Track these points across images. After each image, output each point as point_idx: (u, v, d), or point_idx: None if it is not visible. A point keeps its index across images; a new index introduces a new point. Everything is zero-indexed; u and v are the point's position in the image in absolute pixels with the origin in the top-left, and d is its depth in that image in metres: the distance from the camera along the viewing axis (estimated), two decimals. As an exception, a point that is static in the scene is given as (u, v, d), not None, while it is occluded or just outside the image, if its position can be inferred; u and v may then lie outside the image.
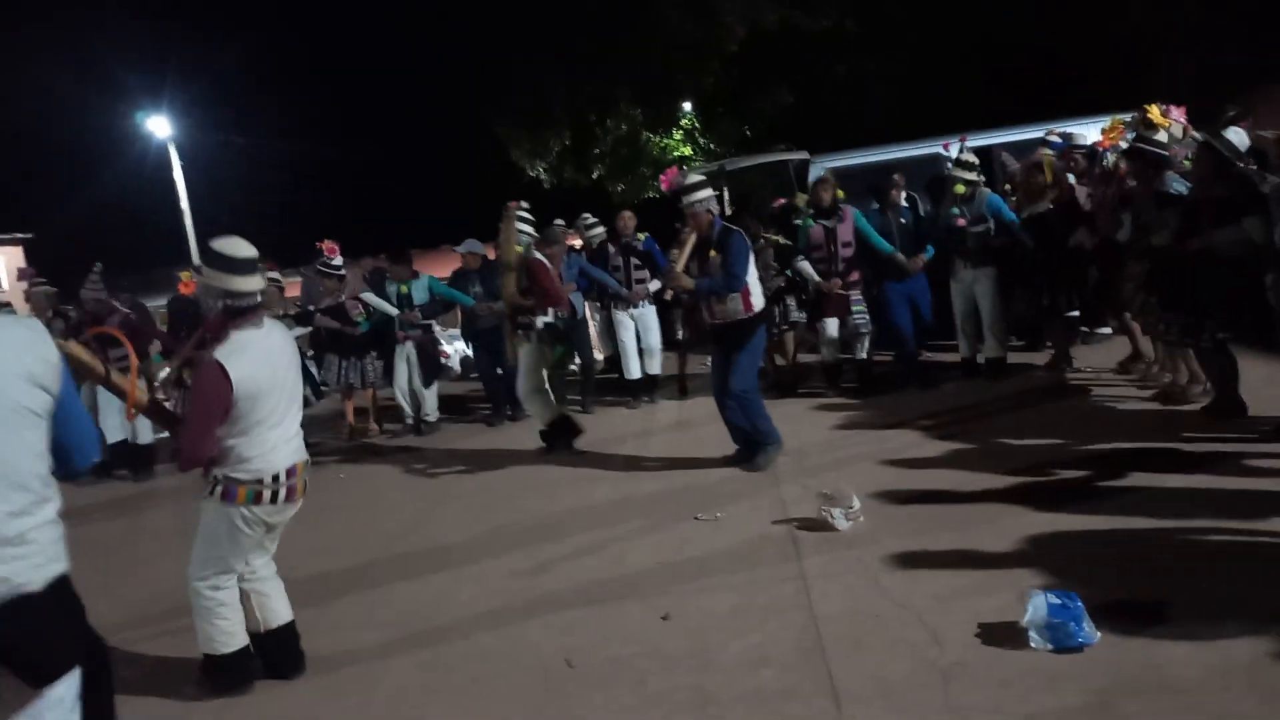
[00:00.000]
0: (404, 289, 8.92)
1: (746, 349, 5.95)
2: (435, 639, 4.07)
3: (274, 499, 3.55)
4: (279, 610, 3.82)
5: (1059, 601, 3.26)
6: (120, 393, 3.44)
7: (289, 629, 3.84)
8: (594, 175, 21.81)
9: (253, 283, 3.50)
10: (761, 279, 7.00)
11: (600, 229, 9.52)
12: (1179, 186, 6.02)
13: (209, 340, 3.52)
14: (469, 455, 7.68)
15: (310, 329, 8.94)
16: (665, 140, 21.12)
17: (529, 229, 7.02)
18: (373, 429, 9.30)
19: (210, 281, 3.48)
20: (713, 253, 5.86)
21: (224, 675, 3.68)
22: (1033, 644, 3.19)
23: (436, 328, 9.79)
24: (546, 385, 7.21)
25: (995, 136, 9.82)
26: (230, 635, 3.64)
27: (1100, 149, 7.29)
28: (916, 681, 3.13)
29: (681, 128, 20.86)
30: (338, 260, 9.04)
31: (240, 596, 3.72)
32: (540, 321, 6.92)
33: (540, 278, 6.76)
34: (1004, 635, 3.30)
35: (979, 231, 7.35)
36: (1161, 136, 6.22)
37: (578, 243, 10.59)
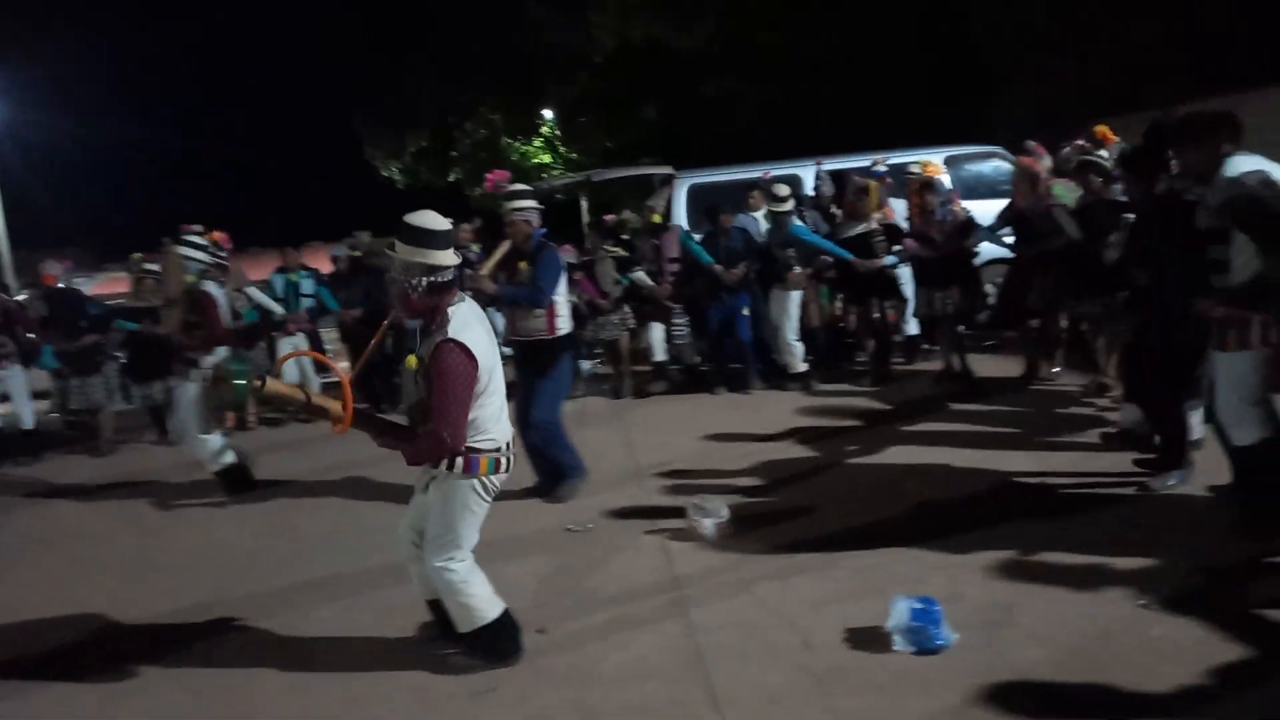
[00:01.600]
0: (294, 277, 9.18)
1: (550, 376, 5.69)
2: (303, 660, 3.88)
3: (507, 466, 3.55)
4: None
5: (919, 606, 3.44)
6: (325, 414, 3.34)
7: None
8: (450, 178, 21.42)
9: (452, 255, 3.39)
10: (603, 293, 8.13)
11: None
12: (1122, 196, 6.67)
13: (425, 321, 3.41)
14: (334, 466, 7.33)
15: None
16: (525, 146, 21.00)
17: (200, 256, 6.40)
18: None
19: (409, 258, 3.30)
20: (523, 264, 5.63)
21: (496, 641, 3.61)
22: (896, 647, 3.37)
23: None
24: (220, 428, 6.67)
25: (851, 160, 10.34)
26: (487, 602, 3.56)
27: (931, 176, 8.30)
28: (796, 688, 3.23)
29: (542, 135, 20.81)
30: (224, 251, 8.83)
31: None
32: (209, 360, 6.23)
33: (208, 312, 6.19)
34: (871, 639, 3.47)
35: (784, 256, 8.07)
36: (1105, 153, 6.99)
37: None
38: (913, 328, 8.88)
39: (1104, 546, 4.08)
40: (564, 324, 5.73)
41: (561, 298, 5.70)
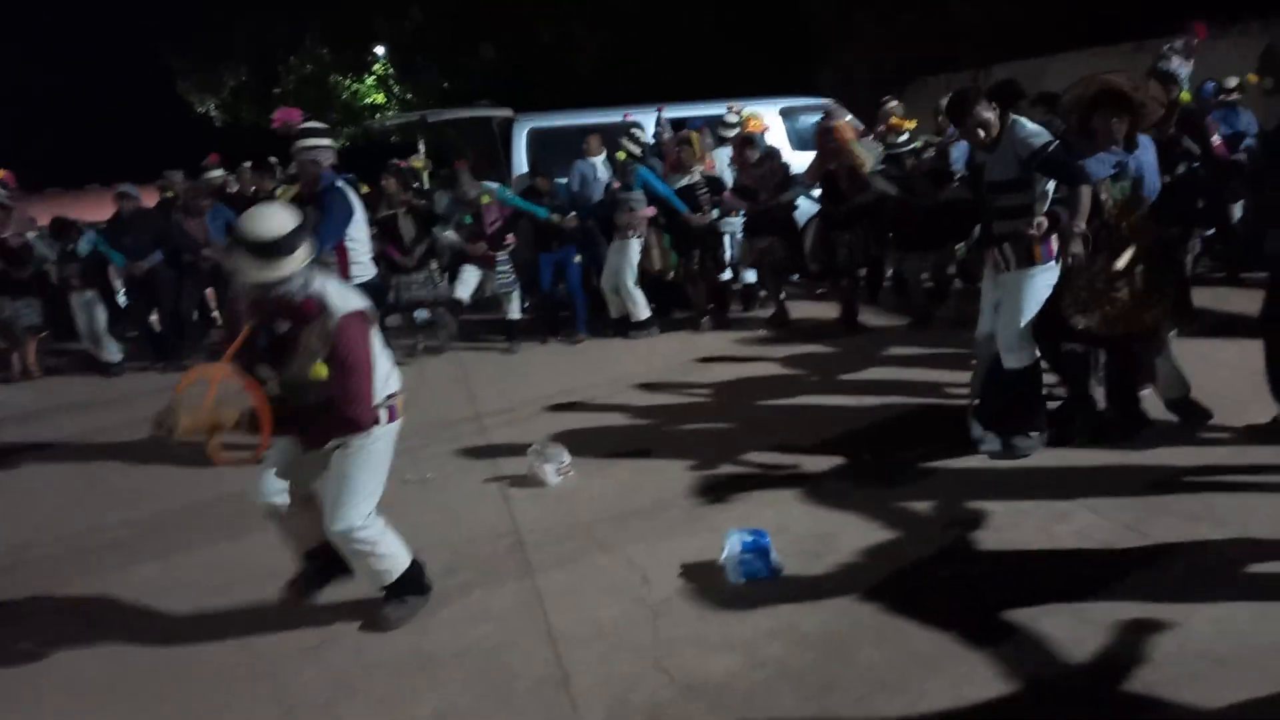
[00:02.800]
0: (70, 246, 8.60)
1: None
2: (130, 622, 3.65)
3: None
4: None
5: (751, 538, 3.62)
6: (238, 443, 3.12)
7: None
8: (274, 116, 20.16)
9: (307, 248, 3.12)
10: (405, 250, 7.75)
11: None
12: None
13: (303, 314, 3.09)
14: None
15: None
16: (356, 84, 19.99)
17: None
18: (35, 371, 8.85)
19: (271, 276, 3.00)
20: (309, 209, 5.23)
21: (414, 587, 3.50)
22: (730, 578, 3.52)
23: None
24: None
25: (692, 109, 10.43)
26: (401, 549, 3.44)
27: (754, 132, 8.41)
28: (629, 621, 3.34)
29: (375, 73, 19.85)
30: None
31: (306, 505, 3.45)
32: None
33: None
34: (704, 573, 3.61)
35: (629, 200, 8.06)
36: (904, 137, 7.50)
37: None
38: (750, 276, 9.10)
39: (918, 482, 4.39)
40: (360, 270, 5.36)
41: (357, 242, 5.38)
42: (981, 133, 4.43)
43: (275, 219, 3.03)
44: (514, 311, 8.24)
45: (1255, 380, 4.51)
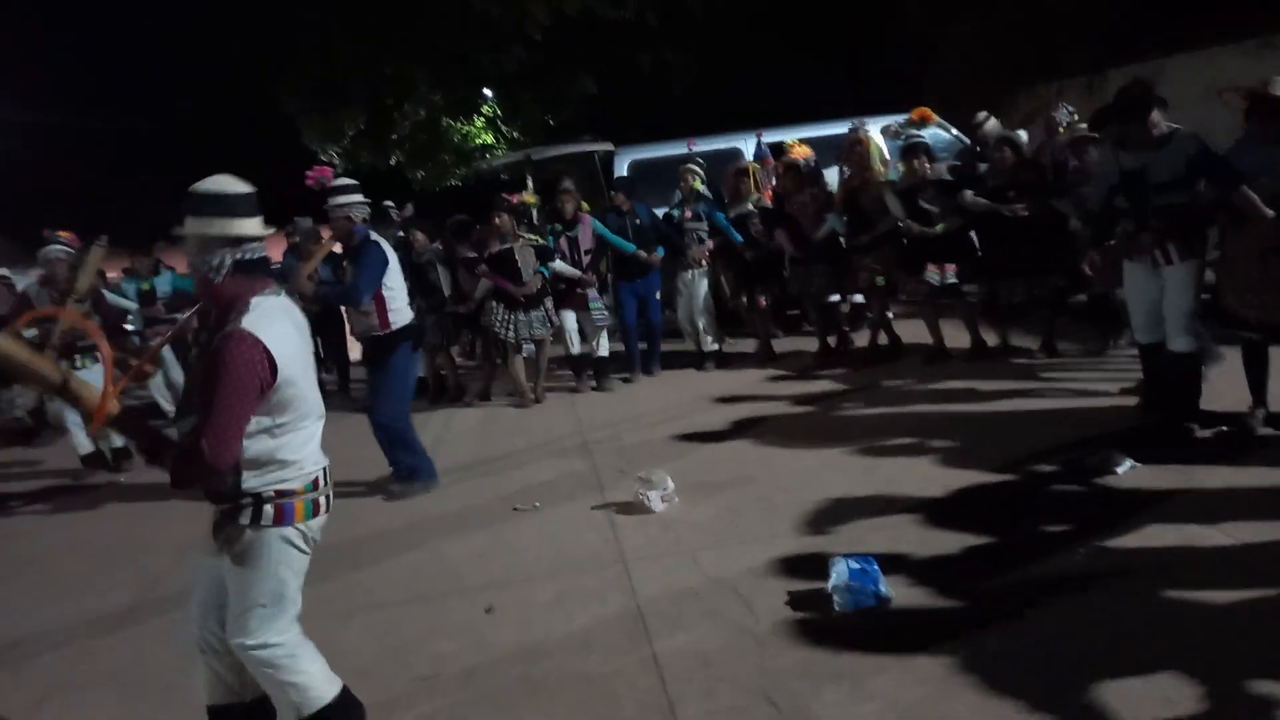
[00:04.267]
0: (145, 285, 8.99)
1: (386, 372, 5.55)
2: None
3: (327, 506, 2.81)
4: None
5: (858, 566, 3.54)
6: (80, 401, 2.60)
7: (267, 702, 2.87)
8: (392, 161, 21.05)
9: (259, 225, 2.72)
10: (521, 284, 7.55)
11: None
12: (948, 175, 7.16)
13: (220, 312, 2.65)
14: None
15: None
16: (467, 127, 20.70)
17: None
18: None
19: (206, 231, 2.63)
20: (346, 263, 5.57)
21: None
22: (836, 607, 3.46)
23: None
24: None
25: (791, 132, 10.38)
26: (322, 680, 2.78)
27: (799, 159, 8.09)
28: (734, 651, 3.30)
29: (483, 114, 20.52)
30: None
31: (222, 655, 2.82)
32: None
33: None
34: (811, 601, 3.55)
35: (697, 231, 8.10)
36: (928, 133, 7.40)
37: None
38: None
39: (1038, 508, 4.22)
40: (398, 318, 5.55)
41: (394, 290, 5.53)
42: (1152, 133, 4.72)
43: (225, 179, 2.72)
44: (603, 348, 8.14)
45: None
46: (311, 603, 4.18)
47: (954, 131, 9.54)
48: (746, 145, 10.26)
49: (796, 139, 8.90)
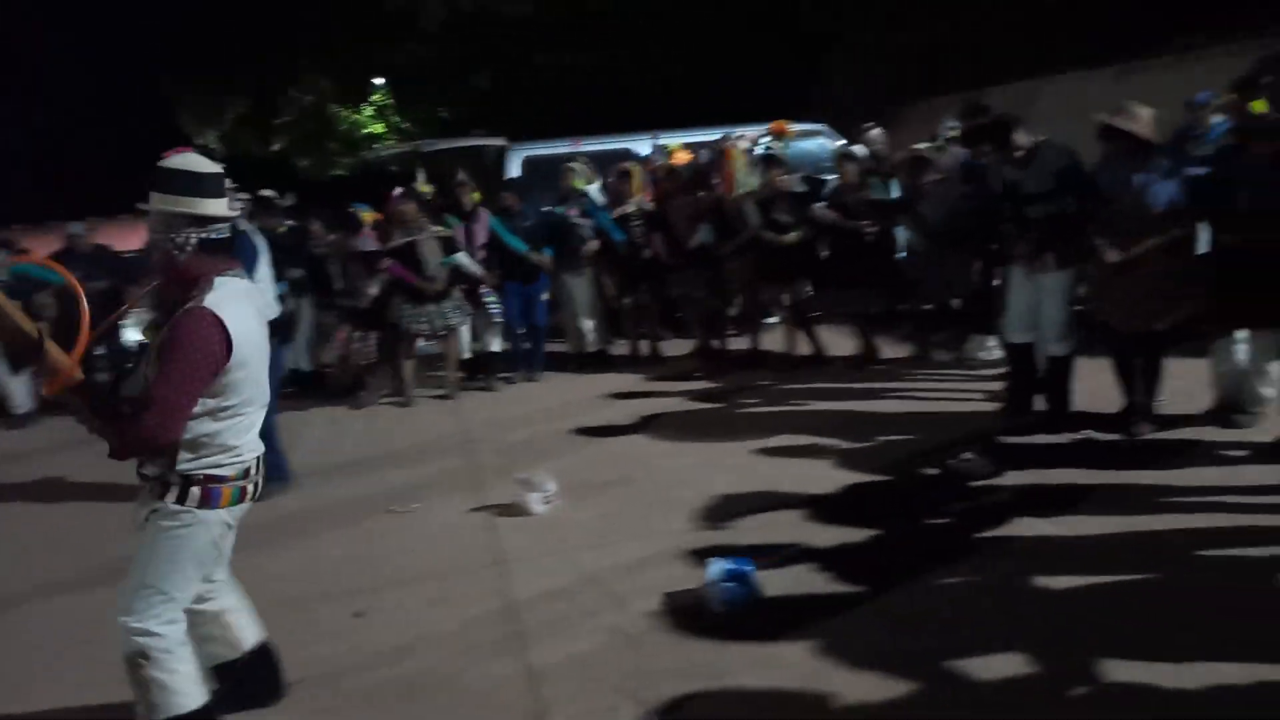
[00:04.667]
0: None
1: None
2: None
3: (253, 493, 2.80)
4: (250, 626, 3.05)
5: (733, 564, 3.59)
6: (51, 362, 2.46)
7: (265, 648, 3.09)
8: (275, 147, 20.31)
9: (224, 205, 2.69)
10: (427, 277, 7.34)
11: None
12: (799, 187, 7.40)
13: (181, 289, 2.61)
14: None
15: None
16: (355, 115, 20.16)
17: None
18: None
19: (171, 208, 2.59)
20: None
21: None
22: (712, 605, 3.49)
23: None
24: None
25: (686, 135, 10.48)
26: (194, 686, 2.69)
27: (676, 165, 8.34)
28: (609, 653, 3.30)
29: (373, 103, 20.03)
30: None
31: (205, 621, 2.89)
32: None
33: None
34: (688, 600, 3.58)
35: (583, 233, 8.00)
36: (814, 144, 7.47)
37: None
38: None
39: (911, 507, 4.37)
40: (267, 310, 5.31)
41: (263, 283, 5.22)
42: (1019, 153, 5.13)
43: (194, 157, 2.72)
44: (497, 344, 8.08)
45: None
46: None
47: (843, 142, 9.81)
48: (642, 147, 10.31)
49: (679, 143, 9.00)
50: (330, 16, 16.28)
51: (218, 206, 2.66)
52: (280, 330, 5.46)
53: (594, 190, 8.75)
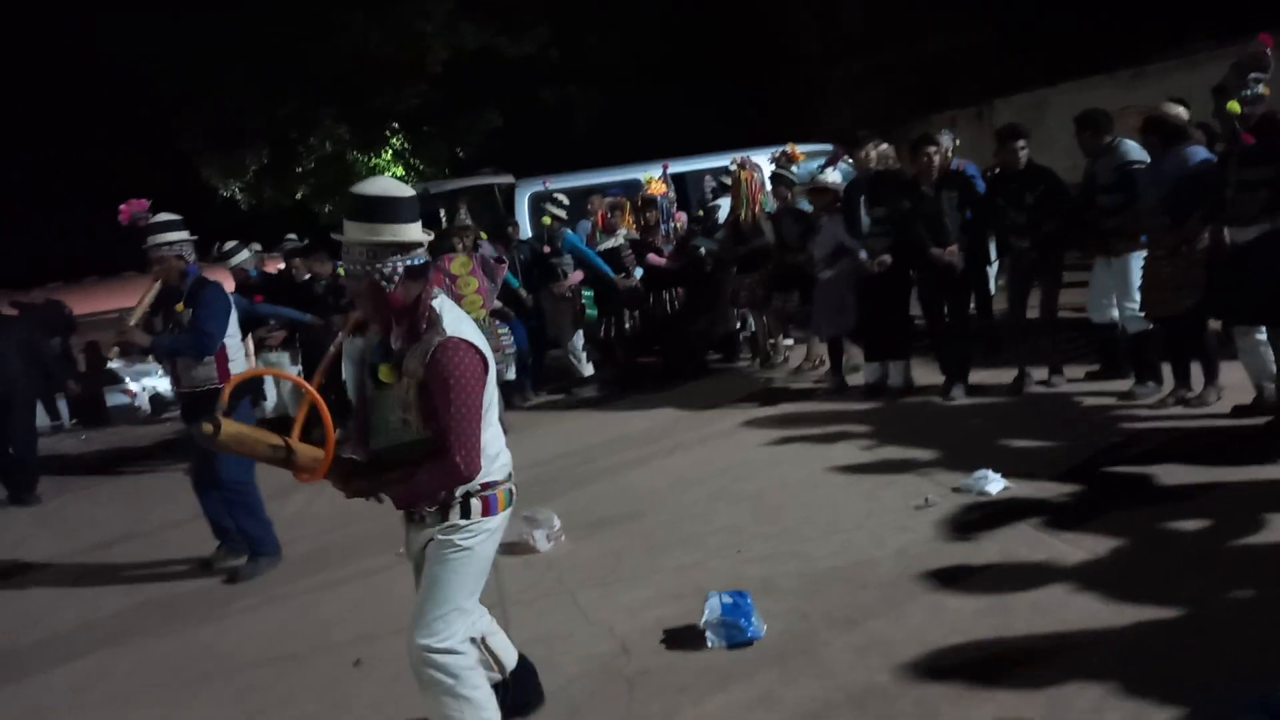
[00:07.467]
0: None
1: None
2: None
3: (514, 497, 2.86)
4: (508, 647, 3.09)
5: (731, 600, 3.50)
6: (302, 462, 2.62)
7: (525, 662, 3.13)
8: (297, 196, 20.58)
9: (422, 231, 2.64)
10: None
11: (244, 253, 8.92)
12: (805, 206, 7.52)
13: (406, 320, 2.61)
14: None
15: None
16: (375, 160, 20.40)
17: None
18: None
19: (372, 238, 2.53)
20: (180, 306, 4.90)
21: None
22: (709, 644, 3.40)
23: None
24: None
25: (696, 163, 10.55)
26: (490, 701, 2.73)
27: (654, 195, 8.70)
28: (603, 694, 3.23)
29: (391, 147, 20.27)
30: None
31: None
32: None
33: None
34: (685, 638, 3.49)
35: (560, 264, 8.33)
36: (799, 168, 7.88)
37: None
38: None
39: (909, 542, 4.25)
40: (238, 368, 4.97)
41: (234, 339, 5.02)
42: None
43: (389, 182, 2.67)
44: (512, 373, 8.07)
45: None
46: (168, 662, 4.01)
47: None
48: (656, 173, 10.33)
49: (651, 176, 9.15)
50: (342, 64, 16.56)
51: (418, 231, 2.61)
52: (253, 391, 5.44)
53: (578, 228, 8.94)
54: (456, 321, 2.59)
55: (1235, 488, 4.12)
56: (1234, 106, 4.59)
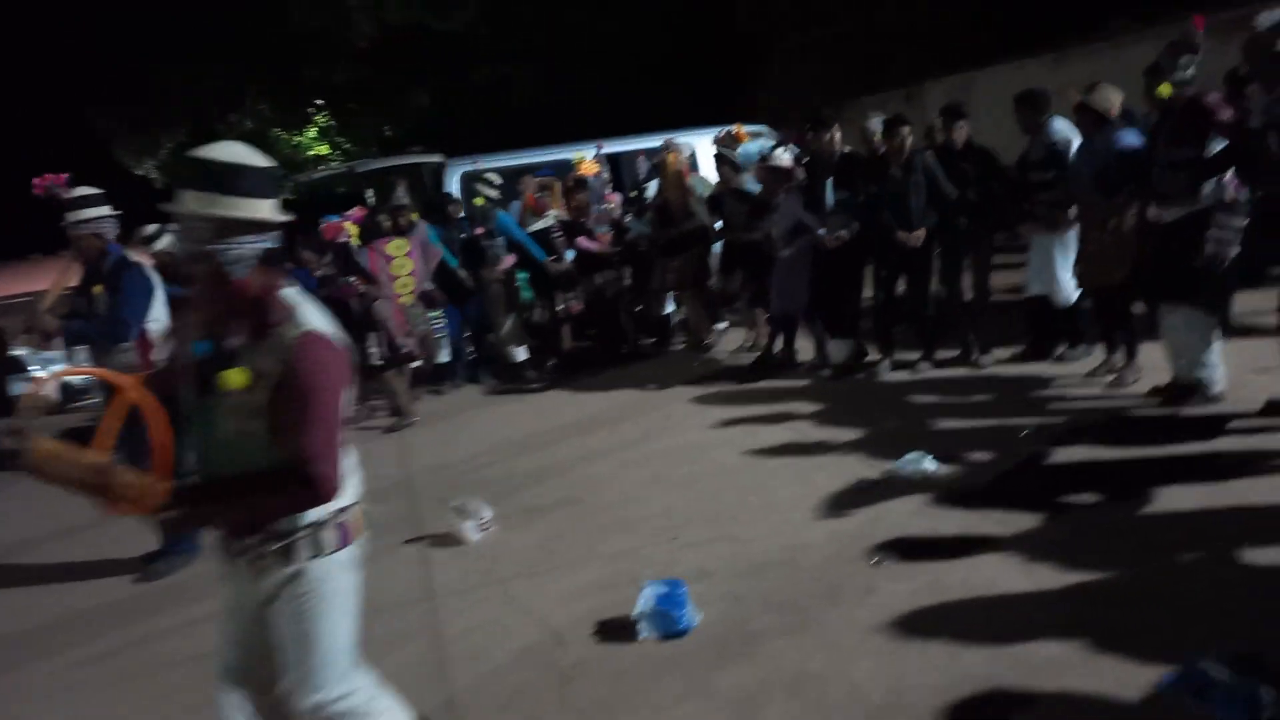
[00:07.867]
0: None
1: None
2: None
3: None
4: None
5: (665, 590, 3.45)
6: (125, 494, 2.01)
7: None
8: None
9: (276, 209, 2.20)
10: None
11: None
12: (752, 186, 7.52)
13: (251, 311, 2.15)
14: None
15: None
16: (298, 138, 19.84)
17: None
18: None
19: (226, 213, 2.09)
20: (98, 288, 4.58)
21: None
22: (642, 634, 3.35)
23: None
24: None
25: (631, 143, 10.43)
26: (405, 713, 2.46)
27: (585, 176, 8.60)
28: (537, 687, 3.16)
29: (316, 125, 19.72)
30: None
31: None
32: None
33: None
34: (619, 629, 3.43)
35: (493, 247, 8.10)
36: (741, 149, 7.88)
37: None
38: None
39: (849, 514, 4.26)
40: (162, 354, 4.53)
41: (160, 324, 4.66)
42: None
43: (241, 148, 2.19)
44: (445, 355, 8.21)
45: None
46: (88, 666, 3.82)
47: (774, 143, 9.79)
48: (589, 153, 10.18)
49: (584, 156, 9.04)
50: (263, 40, 15.98)
51: (272, 209, 2.18)
52: None
53: (510, 209, 8.73)
54: (314, 314, 2.18)
55: (1149, 465, 4.22)
56: (1165, 89, 4.67)
